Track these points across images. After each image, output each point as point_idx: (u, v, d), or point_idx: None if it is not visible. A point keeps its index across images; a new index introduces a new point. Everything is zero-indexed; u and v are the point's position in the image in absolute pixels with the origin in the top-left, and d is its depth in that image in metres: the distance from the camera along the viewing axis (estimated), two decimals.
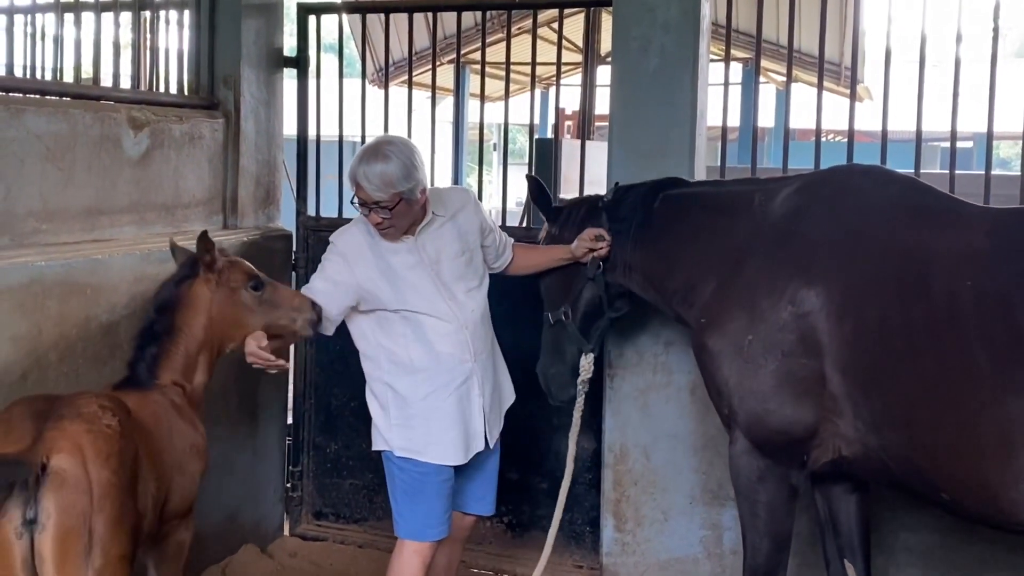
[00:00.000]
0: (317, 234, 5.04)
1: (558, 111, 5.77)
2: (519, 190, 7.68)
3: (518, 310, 4.03)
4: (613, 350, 4.29)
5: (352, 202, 3.49)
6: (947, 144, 4.16)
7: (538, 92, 13.21)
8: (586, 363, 3.81)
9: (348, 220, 5.01)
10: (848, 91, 4.75)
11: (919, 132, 4.10)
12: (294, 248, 5.07)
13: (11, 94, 3.89)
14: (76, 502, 2.62)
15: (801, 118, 5.42)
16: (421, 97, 6.78)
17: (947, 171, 4.24)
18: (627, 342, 4.26)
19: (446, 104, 10.97)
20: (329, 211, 5.11)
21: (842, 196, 3.28)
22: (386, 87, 5.14)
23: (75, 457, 2.65)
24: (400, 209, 3.41)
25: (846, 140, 4.22)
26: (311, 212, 5.14)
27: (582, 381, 3.83)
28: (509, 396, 3.79)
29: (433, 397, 3.51)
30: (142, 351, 3.28)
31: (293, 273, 5.05)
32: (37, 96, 4.04)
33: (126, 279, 3.95)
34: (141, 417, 2.98)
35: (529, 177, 3.96)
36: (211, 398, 4.25)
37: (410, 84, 5.05)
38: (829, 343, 3.06)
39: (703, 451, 4.23)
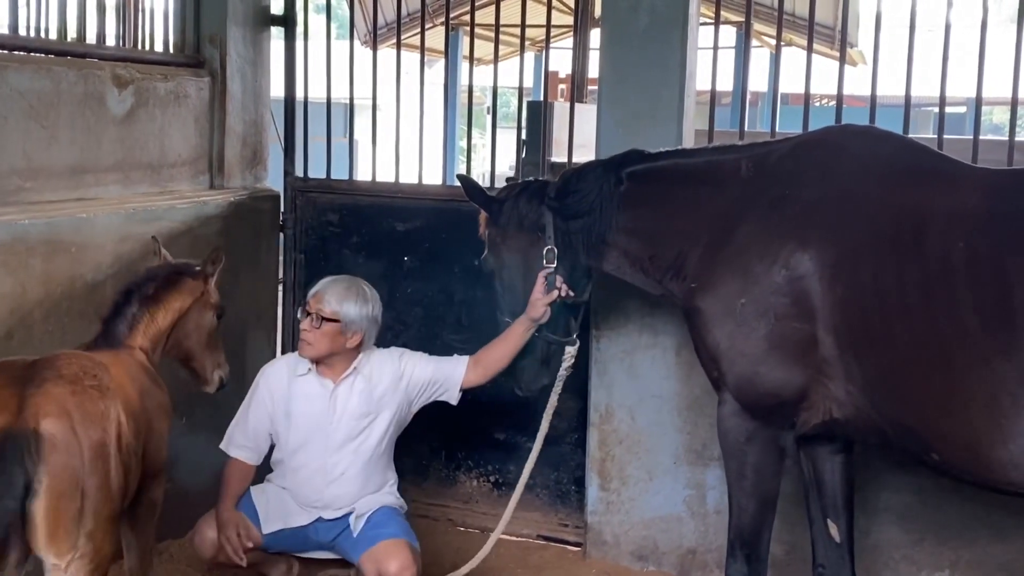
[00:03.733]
0: (305, 195, 5.03)
1: (547, 73, 5.73)
2: (510, 154, 7.67)
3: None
4: (599, 311, 4.29)
5: (296, 313, 3.91)
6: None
7: (531, 55, 13.15)
8: (571, 350, 3.79)
9: (336, 181, 5.05)
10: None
11: (908, 97, 4.08)
12: (282, 209, 5.06)
13: None
14: (68, 465, 2.61)
15: (794, 82, 5.38)
16: (411, 59, 6.74)
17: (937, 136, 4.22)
18: (613, 303, 4.26)
19: (437, 67, 10.90)
20: (317, 172, 5.09)
21: (836, 157, 3.26)
22: (374, 48, 5.10)
23: (63, 420, 2.63)
24: (327, 330, 3.73)
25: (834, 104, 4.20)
26: (299, 173, 5.11)
27: (567, 368, 3.82)
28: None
29: (279, 503, 3.90)
30: (123, 308, 3.29)
31: (281, 234, 5.04)
32: (20, 53, 4.00)
33: (111, 238, 3.94)
34: (116, 375, 2.97)
35: (460, 176, 3.84)
36: None
37: (399, 46, 5.00)
38: (822, 306, 3.06)
39: (688, 411, 4.25)
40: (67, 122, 3.97)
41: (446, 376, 3.94)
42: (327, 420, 3.84)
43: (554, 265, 3.59)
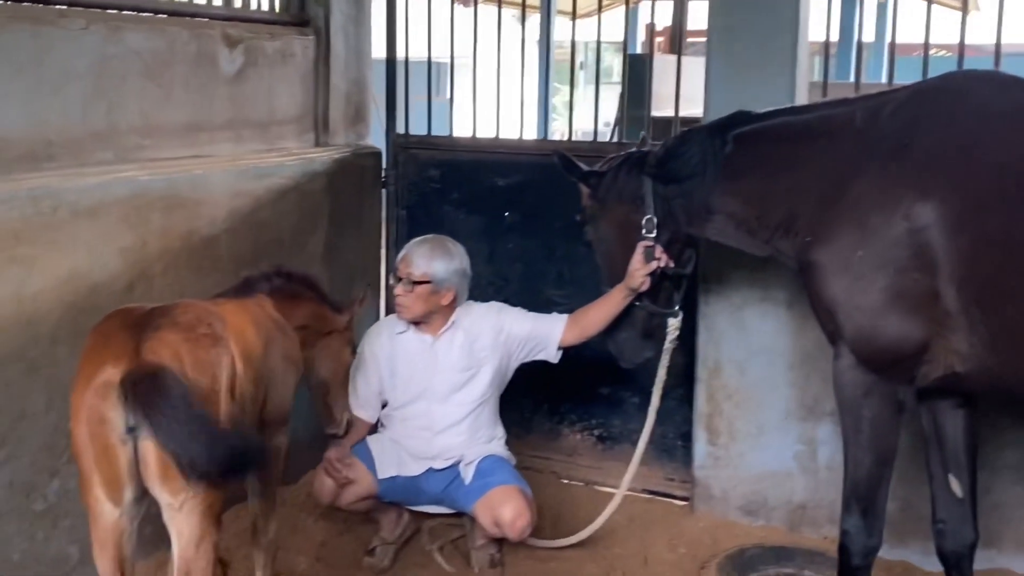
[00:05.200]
0: (407, 151, 5.06)
1: (650, 26, 5.64)
2: (608, 110, 7.61)
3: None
4: (708, 265, 4.23)
5: (388, 279, 4.04)
6: None
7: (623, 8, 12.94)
8: (675, 322, 3.80)
9: (437, 137, 5.06)
10: (958, 2, 4.53)
11: None
12: (384, 165, 5.10)
13: (109, 11, 3.95)
14: None
15: (905, 31, 5.19)
16: (509, 16, 6.70)
17: None
18: (723, 257, 4.18)
19: (534, 21, 10.80)
20: (418, 130, 5.11)
21: (958, 103, 3.13)
22: (475, 5, 5.07)
23: (175, 365, 2.68)
24: (421, 291, 3.81)
25: (951, 55, 4.03)
26: (400, 130, 5.14)
27: (672, 341, 3.83)
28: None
29: (394, 452, 3.97)
30: (271, 275, 3.43)
31: (384, 191, 5.09)
32: (134, 14, 4.09)
33: (225, 194, 4.04)
34: (238, 323, 3.01)
35: (556, 152, 3.77)
36: None
37: (500, 2, 4.98)
38: (945, 258, 2.96)
39: (799, 366, 4.17)
40: (181, 81, 4.06)
41: (545, 334, 3.95)
42: (430, 374, 3.90)
43: (653, 235, 3.57)
